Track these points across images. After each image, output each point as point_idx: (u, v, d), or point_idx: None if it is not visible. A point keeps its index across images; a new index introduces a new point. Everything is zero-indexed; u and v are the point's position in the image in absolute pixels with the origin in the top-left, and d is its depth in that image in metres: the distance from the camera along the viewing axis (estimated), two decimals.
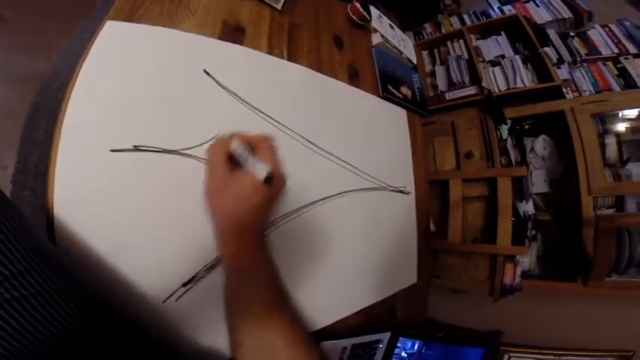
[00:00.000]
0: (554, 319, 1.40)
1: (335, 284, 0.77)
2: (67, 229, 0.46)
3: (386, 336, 0.86)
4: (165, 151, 0.56)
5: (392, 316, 0.94)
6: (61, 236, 0.45)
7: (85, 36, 0.58)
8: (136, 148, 0.54)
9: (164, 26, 0.63)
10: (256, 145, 0.42)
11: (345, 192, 0.80)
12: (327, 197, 0.77)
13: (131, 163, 0.53)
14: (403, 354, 0.88)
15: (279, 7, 0.87)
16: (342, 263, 0.80)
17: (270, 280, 0.42)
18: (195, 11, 0.70)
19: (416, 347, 0.90)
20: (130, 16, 0.61)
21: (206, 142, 0.60)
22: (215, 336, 0.57)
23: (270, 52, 0.79)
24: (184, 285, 0.55)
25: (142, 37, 0.60)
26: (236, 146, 0.40)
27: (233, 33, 0.75)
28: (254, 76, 0.72)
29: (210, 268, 0.57)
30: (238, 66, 0.71)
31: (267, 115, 0.69)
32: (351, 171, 0.84)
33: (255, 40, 0.78)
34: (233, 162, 0.41)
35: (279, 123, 0.72)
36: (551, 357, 1.33)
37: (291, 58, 0.83)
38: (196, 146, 0.59)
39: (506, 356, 1.33)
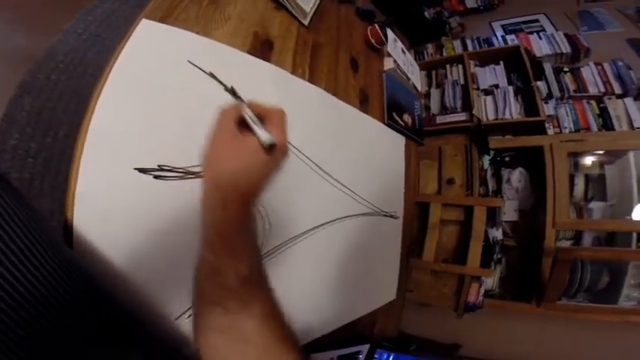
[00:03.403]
0: (510, 335, 1.51)
1: (328, 300, 0.81)
2: (86, 241, 0.46)
3: (365, 348, 0.90)
4: (188, 172, 0.56)
5: (371, 329, 0.99)
6: (78, 247, 0.45)
7: (90, 17, 0.55)
8: (160, 168, 0.53)
9: (198, 32, 0.62)
10: (268, 114, 0.41)
11: (344, 217, 0.83)
12: (327, 222, 0.79)
13: (155, 182, 0.52)
14: None
15: (306, 22, 0.86)
16: (334, 282, 0.83)
17: (248, 251, 0.38)
18: (229, 18, 0.69)
19: (391, 359, 0.95)
20: (167, 16, 0.59)
21: None
22: None
23: (293, 71, 0.79)
24: None
25: (176, 43, 0.58)
26: (247, 111, 0.40)
27: (262, 47, 0.74)
28: (278, 96, 0.73)
29: None
30: (265, 85, 0.71)
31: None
32: (350, 196, 0.86)
33: (281, 56, 0.78)
34: (243, 127, 0.40)
35: (294, 147, 0.72)
36: None
37: (312, 78, 0.84)
38: None
39: None
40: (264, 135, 0.37)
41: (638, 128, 1.67)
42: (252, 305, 0.35)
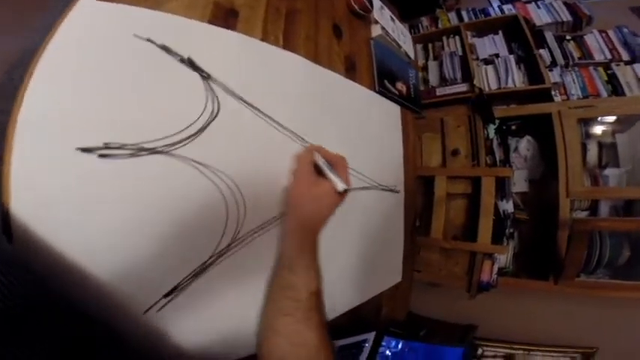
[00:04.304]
0: (525, 315, 1.40)
1: (326, 286, 0.72)
2: (27, 233, 0.39)
3: (371, 335, 0.82)
4: (141, 149, 0.48)
5: (377, 314, 0.90)
6: (20, 240, 0.39)
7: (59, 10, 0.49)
8: (107, 147, 0.45)
9: (146, 7, 0.53)
10: (333, 161, 0.47)
11: None
12: None
13: (102, 163, 0.45)
14: (387, 352, 0.85)
15: None
16: (332, 266, 0.74)
17: (317, 272, 0.45)
18: None
19: (399, 346, 0.86)
20: None
21: (188, 140, 0.51)
22: (198, 343, 0.52)
23: (264, 39, 0.69)
24: (166, 296, 0.48)
25: (119, 18, 0.50)
26: (320, 159, 0.46)
27: (225, 16, 0.65)
28: (246, 66, 0.64)
29: (194, 277, 0.51)
30: (229, 54, 0.62)
31: (258, 109, 0.61)
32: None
33: (248, 25, 0.68)
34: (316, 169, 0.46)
35: (271, 118, 0.63)
36: (521, 351, 1.34)
37: (287, 45, 0.74)
38: (177, 143, 0.51)
39: (479, 350, 1.33)
40: (340, 184, 0.43)
41: None
42: (313, 317, 0.41)
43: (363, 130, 0.85)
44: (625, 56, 1.69)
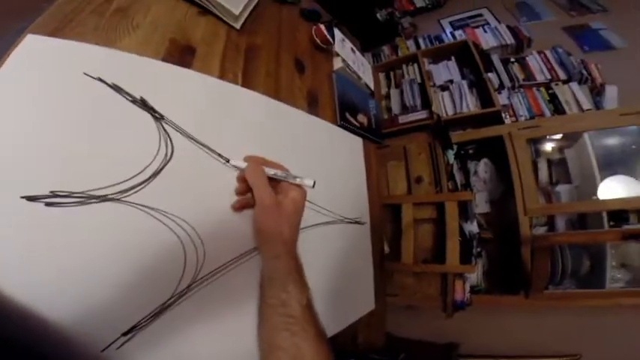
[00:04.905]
0: (504, 329, 1.44)
1: None
2: None
3: None
4: (91, 197, 0.45)
5: (353, 343, 0.88)
6: None
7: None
8: (54, 194, 0.43)
9: (97, 44, 0.52)
10: (277, 166, 0.49)
11: (302, 229, 0.73)
12: None
13: (49, 210, 0.42)
14: None
15: (237, 26, 0.77)
16: None
17: (305, 284, 0.48)
18: (138, 27, 0.60)
19: None
20: (58, 31, 0.50)
21: (141, 185, 0.49)
22: None
23: (222, 76, 0.69)
24: (124, 334, 0.45)
25: (68, 56, 0.48)
26: (271, 171, 0.45)
27: (181, 54, 0.64)
28: (201, 106, 0.62)
29: (154, 316, 0.47)
30: (184, 93, 0.60)
31: (214, 150, 0.59)
32: (308, 207, 0.76)
33: (205, 62, 0.68)
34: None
35: (228, 162, 0.60)
36: None
37: (247, 82, 0.74)
38: (129, 190, 0.48)
39: None
40: (307, 181, 0.43)
41: (587, 110, 1.72)
42: (309, 329, 0.43)
43: (326, 164, 0.86)
44: (562, 75, 1.83)
